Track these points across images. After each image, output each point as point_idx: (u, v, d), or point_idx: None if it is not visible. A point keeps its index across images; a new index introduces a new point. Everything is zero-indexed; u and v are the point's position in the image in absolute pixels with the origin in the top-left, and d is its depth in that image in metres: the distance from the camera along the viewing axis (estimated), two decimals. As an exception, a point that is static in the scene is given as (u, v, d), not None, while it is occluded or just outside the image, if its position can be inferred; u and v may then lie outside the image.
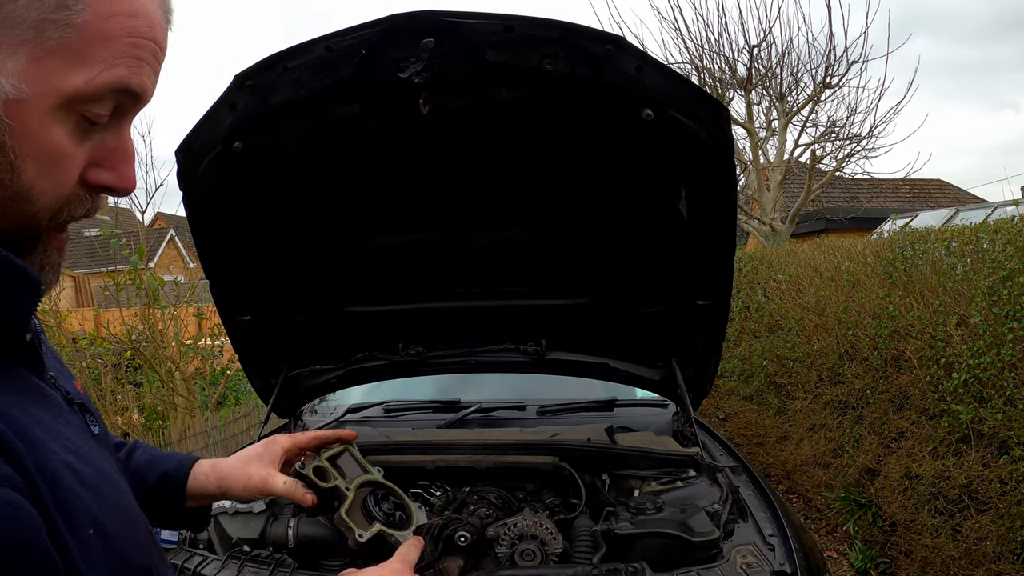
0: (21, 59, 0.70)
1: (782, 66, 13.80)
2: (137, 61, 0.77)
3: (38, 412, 0.77)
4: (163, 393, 6.85)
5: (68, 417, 0.84)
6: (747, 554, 1.83)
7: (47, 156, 0.74)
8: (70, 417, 0.85)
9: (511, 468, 2.30)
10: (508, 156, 2.08)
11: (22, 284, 0.75)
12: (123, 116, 0.80)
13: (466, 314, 2.67)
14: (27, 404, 0.76)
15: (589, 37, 1.76)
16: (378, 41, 1.78)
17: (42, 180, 0.74)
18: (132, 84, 0.77)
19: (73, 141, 0.76)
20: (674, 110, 1.86)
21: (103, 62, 0.74)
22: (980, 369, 3.98)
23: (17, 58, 0.70)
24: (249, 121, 1.99)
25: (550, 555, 2.02)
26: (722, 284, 2.31)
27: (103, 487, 0.80)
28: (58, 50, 0.71)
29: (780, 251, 8.66)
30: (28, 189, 0.74)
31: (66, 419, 0.83)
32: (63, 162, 0.75)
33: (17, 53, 0.69)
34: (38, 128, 0.72)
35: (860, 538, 4.75)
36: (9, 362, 0.78)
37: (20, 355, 0.80)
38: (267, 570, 1.86)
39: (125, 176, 0.82)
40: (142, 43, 0.77)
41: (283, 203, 2.26)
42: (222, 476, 1.32)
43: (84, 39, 0.72)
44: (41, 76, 0.71)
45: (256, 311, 2.58)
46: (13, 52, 0.69)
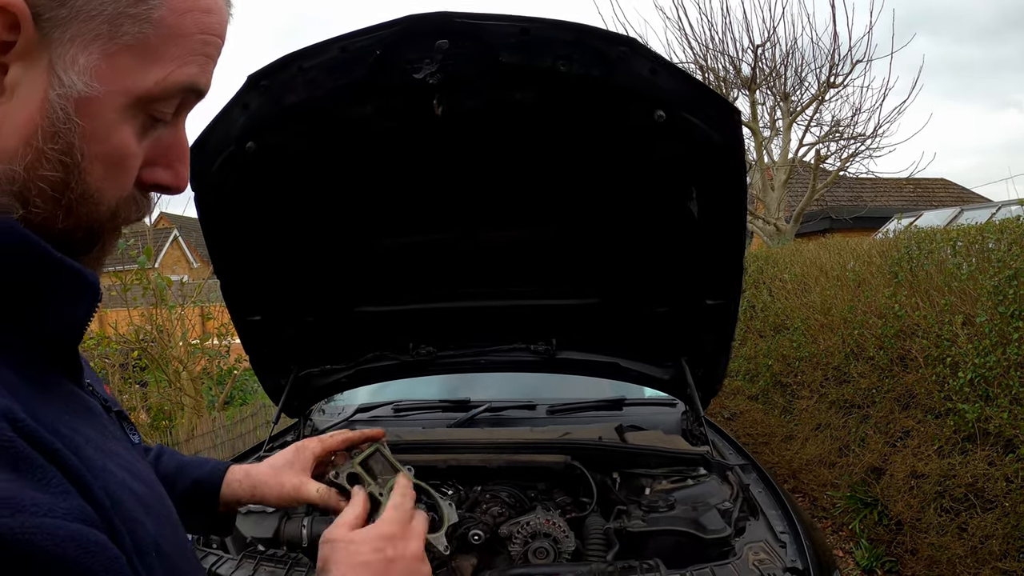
0: (93, 55, 0.66)
1: (786, 66, 13.82)
2: (206, 59, 0.74)
3: (87, 429, 0.72)
4: (170, 393, 6.86)
5: (112, 429, 0.80)
6: (759, 551, 1.84)
7: (114, 157, 0.71)
8: (113, 429, 0.80)
9: (523, 467, 2.31)
10: (520, 157, 2.10)
11: (84, 290, 0.72)
12: (181, 112, 0.77)
13: (476, 314, 2.69)
14: (76, 421, 0.70)
15: (603, 39, 1.78)
16: (393, 42, 1.79)
17: (107, 182, 0.71)
18: (201, 84, 0.74)
19: (137, 140, 0.73)
20: (686, 111, 1.88)
21: (175, 60, 0.71)
22: (986, 368, 3.99)
23: (89, 54, 0.66)
24: (262, 121, 2.00)
25: (563, 553, 2.03)
26: (732, 283, 2.32)
27: (155, 504, 0.76)
28: (133, 46, 0.68)
29: (785, 251, 8.67)
30: (94, 191, 0.70)
31: (111, 432, 0.78)
32: (127, 162, 0.73)
33: (89, 49, 0.66)
34: (107, 128, 0.69)
35: (866, 537, 4.75)
36: (48, 369, 0.72)
37: (61, 362, 0.75)
38: (283, 569, 1.87)
39: (180, 174, 0.79)
40: (212, 40, 0.74)
41: (295, 203, 2.28)
42: (255, 485, 1.28)
43: (159, 36, 0.69)
44: (113, 74, 0.67)
45: (267, 311, 2.60)
46: (85, 47, 0.66)
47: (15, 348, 0.67)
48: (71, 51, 0.65)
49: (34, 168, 0.66)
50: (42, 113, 0.66)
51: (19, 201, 0.67)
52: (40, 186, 0.67)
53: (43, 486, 0.57)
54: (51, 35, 0.64)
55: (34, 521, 0.54)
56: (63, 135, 0.66)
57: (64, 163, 0.67)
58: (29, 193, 0.67)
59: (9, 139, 0.65)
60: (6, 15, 0.62)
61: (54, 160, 0.67)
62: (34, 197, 0.67)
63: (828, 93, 13.58)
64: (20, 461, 0.56)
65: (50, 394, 0.70)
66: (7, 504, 0.53)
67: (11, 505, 0.53)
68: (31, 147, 0.66)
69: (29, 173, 0.66)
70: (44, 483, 0.57)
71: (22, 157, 0.66)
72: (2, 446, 0.56)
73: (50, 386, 0.71)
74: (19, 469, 0.56)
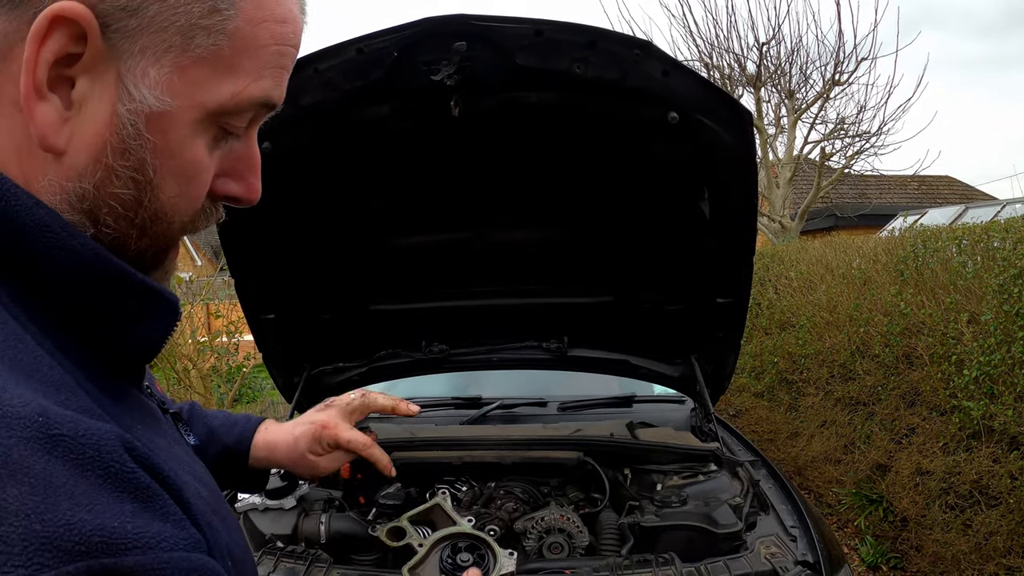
0: (165, 68, 0.63)
1: (791, 63, 13.78)
2: (281, 71, 0.71)
3: (157, 438, 0.70)
4: (179, 390, 6.89)
5: (172, 433, 0.78)
6: (771, 545, 1.87)
7: (187, 173, 0.68)
8: (173, 432, 0.78)
9: (537, 463, 2.34)
10: (535, 157, 2.12)
11: (164, 309, 0.70)
12: (253, 123, 0.74)
13: (489, 312, 2.71)
14: (148, 432, 0.69)
15: (617, 41, 1.81)
16: (410, 44, 1.82)
17: (180, 199, 0.69)
18: (275, 97, 0.71)
19: (209, 153, 0.70)
20: (699, 113, 1.91)
21: (250, 74, 0.68)
22: (991, 366, 4.00)
23: (161, 67, 0.63)
24: (279, 122, 2.01)
25: (577, 548, 2.06)
26: (742, 282, 2.35)
27: (222, 509, 0.74)
28: (206, 59, 0.65)
29: (791, 248, 8.67)
30: (168, 209, 0.68)
31: (172, 436, 0.77)
32: (200, 177, 0.70)
33: (161, 61, 0.63)
34: (180, 144, 0.66)
35: (871, 533, 4.77)
36: (119, 380, 0.70)
37: (131, 372, 0.73)
38: (303, 566, 1.88)
39: (252, 186, 0.76)
40: (287, 51, 0.71)
41: (310, 203, 2.30)
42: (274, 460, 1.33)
43: (233, 48, 0.66)
44: (186, 87, 0.65)
45: (281, 309, 2.62)
46: (156, 60, 0.63)
47: (94, 362, 0.65)
48: (141, 64, 0.63)
49: (105, 186, 0.64)
50: (111, 129, 0.63)
51: (89, 220, 0.65)
52: (111, 204, 0.65)
53: (164, 517, 0.56)
54: (120, 47, 0.62)
55: (164, 556, 0.53)
56: (134, 151, 0.64)
57: (136, 180, 0.65)
58: (100, 212, 0.65)
59: (78, 155, 0.63)
60: (72, 26, 0.59)
61: (125, 177, 0.65)
62: (105, 216, 0.65)
63: (833, 91, 13.55)
64: (142, 491, 0.55)
65: (125, 406, 0.68)
66: (139, 541, 0.52)
67: (142, 543, 0.52)
68: (100, 164, 0.64)
69: (99, 191, 0.64)
70: (165, 514, 0.56)
71: (92, 174, 0.64)
72: (126, 478, 0.54)
73: (123, 397, 0.69)
74: (142, 500, 0.55)
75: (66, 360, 0.61)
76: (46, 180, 0.63)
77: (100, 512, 0.51)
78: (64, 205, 0.63)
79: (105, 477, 0.53)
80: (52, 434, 0.52)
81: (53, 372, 0.58)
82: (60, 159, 0.63)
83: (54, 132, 0.62)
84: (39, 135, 0.61)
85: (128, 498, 0.54)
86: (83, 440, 0.53)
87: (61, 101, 0.62)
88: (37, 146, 0.62)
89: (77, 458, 0.52)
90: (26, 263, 0.61)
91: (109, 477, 0.53)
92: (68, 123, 0.62)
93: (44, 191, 0.63)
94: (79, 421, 0.54)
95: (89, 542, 0.50)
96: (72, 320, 0.64)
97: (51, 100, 0.61)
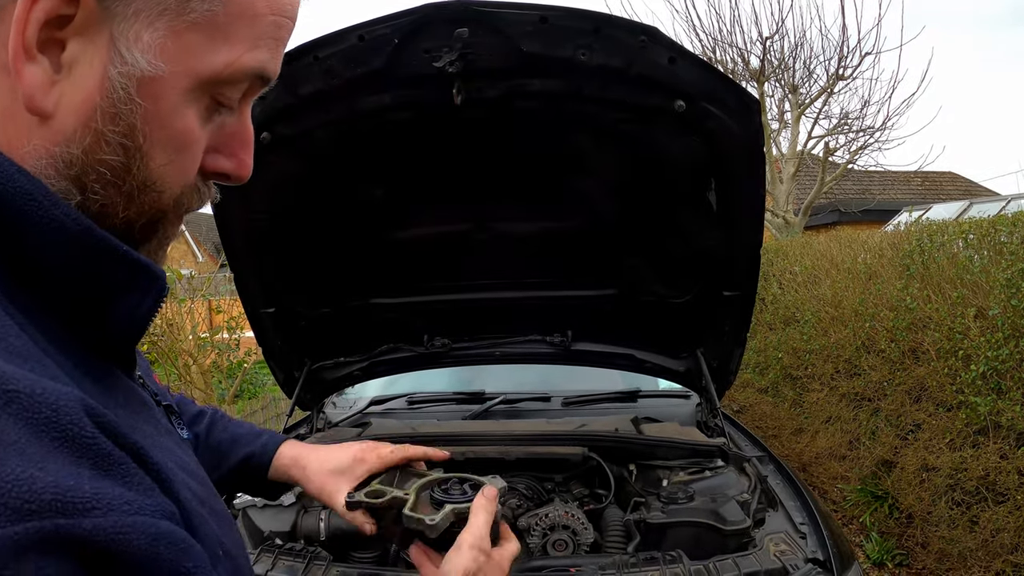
0: (159, 32, 0.62)
1: (795, 58, 13.75)
2: (277, 43, 0.70)
3: (144, 425, 0.70)
4: (180, 386, 6.87)
5: (164, 424, 0.77)
6: (780, 542, 1.84)
7: (177, 142, 0.67)
8: (164, 423, 0.77)
9: (541, 459, 2.31)
10: (538, 147, 2.09)
11: (151, 284, 0.68)
12: (246, 97, 0.73)
13: (491, 305, 2.68)
14: (134, 417, 0.69)
15: (623, 28, 1.77)
16: (411, 31, 1.78)
17: (170, 168, 0.67)
18: (270, 69, 0.70)
19: (201, 125, 0.69)
20: (706, 101, 1.87)
21: (246, 43, 0.67)
22: (998, 361, 3.97)
23: (155, 30, 0.62)
24: (278, 112, 1.99)
25: (581, 545, 2.03)
26: (749, 275, 2.31)
27: (212, 502, 0.73)
28: (201, 24, 0.64)
29: (795, 243, 8.64)
30: (157, 178, 0.67)
31: (163, 427, 0.76)
32: (191, 148, 0.69)
33: (155, 25, 0.62)
34: (172, 111, 0.65)
35: (876, 530, 4.74)
36: (105, 363, 0.69)
37: (118, 355, 0.71)
38: (302, 563, 1.85)
39: (244, 163, 0.75)
40: (284, 23, 0.70)
41: (310, 195, 2.27)
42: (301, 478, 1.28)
43: (229, 14, 0.65)
44: (180, 53, 0.63)
45: (280, 304, 2.59)
46: (151, 24, 0.62)
47: (74, 341, 0.64)
48: (135, 26, 0.61)
49: (93, 151, 0.63)
50: (102, 92, 0.62)
51: (76, 186, 0.63)
52: (100, 171, 0.64)
53: (128, 483, 0.54)
54: (113, 9, 0.60)
55: (127, 520, 0.51)
56: (124, 116, 0.63)
57: (125, 146, 0.64)
58: (88, 178, 0.63)
59: (66, 119, 0.62)
60: None
61: (114, 143, 0.63)
62: (92, 183, 0.64)
63: (837, 85, 13.51)
64: (104, 458, 0.53)
65: (109, 388, 0.67)
66: (98, 503, 0.50)
67: (103, 504, 0.50)
68: (90, 128, 0.62)
69: (88, 156, 0.63)
70: (129, 480, 0.54)
71: (80, 139, 0.62)
72: (85, 443, 0.52)
73: (108, 380, 0.68)
74: (104, 466, 0.53)
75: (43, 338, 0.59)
76: (31, 145, 0.61)
77: (55, 471, 0.49)
78: (50, 171, 0.62)
79: (62, 439, 0.51)
80: (6, 390, 0.50)
81: (20, 342, 0.56)
82: (47, 123, 0.61)
83: (42, 94, 0.60)
84: (26, 97, 0.59)
85: (87, 463, 0.52)
86: (40, 399, 0.51)
87: (51, 63, 0.60)
88: (24, 108, 0.60)
89: (32, 417, 0.50)
90: (7, 233, 0.59)
91: (67, 440, 0.51)
92: (57, 85, 0.61)
93: (28, 156, 0.61)
94: (38, 381, 0.52)
95: (40, 500, 0.47)
96: (55, 295, 0.63)
97: (40, 62, 0.60)
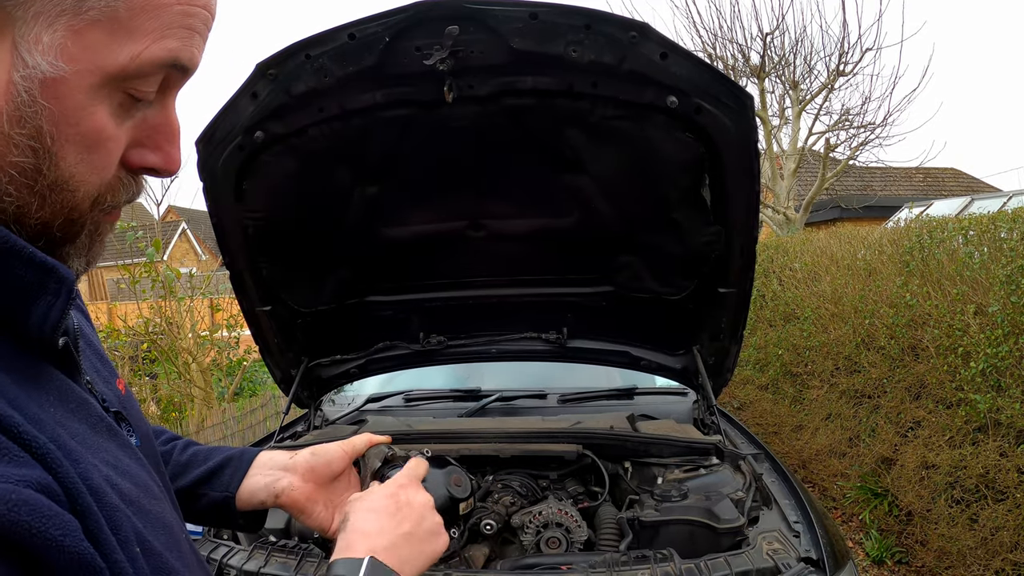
0: (59, 32, 0.62)
1: (795, 54, 13.73)
2: (188, 31, 0.69)
3: (76, 424, 0.71)
4: (180, 385, 6.88)
5: (106, 427, 0.77)
6: (773, 541, 1.83)
7: (88, 140, 0.67)
8: (109, 426, 0.78)
9: (535, 456, 2.30)
10: (531, 144, 2.08)
11: (54, 285, 0.67)
12: (168, 90, 0.73)
13: (487, 302, 2.68)
14: (66, 415, 0.70)
15: (614, 24, 1.76)
16: (402, 28, 1.78)
17: (83, 166, 0.67)
18: (183, 58, 0.70)
19: (115, 121, 0.69)
20: (699, 97, 1.86)
21: (151, 34, 0.66)
22: (998, 358, 3.96)
23: (54, 31, 0.62)
24: (271, 110, 1.99)
25: (575, 543, 2.02)
26: (744, 271, 2.30)
27: (144, 502, 0.74)
28: (102, 21, 0.63)
29: (795, 240, 8.62)
30: (68, 177, 0.67)
31: (104, 429, 0.76)
32: (105, 145, 0.68)
33: (54, 26, 0.62)
34: (78, 110, 0.65)
35: (876, 527, 4.74)
36: (39, 364, 0.71)
37: (52, 357, 0.72)
38: (295, 560, 1.86)
39: (170, 156, 0.75)
40: (195, 11, 0.69)
41: (304, 193, 2.26)
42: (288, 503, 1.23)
43: (131, 8, 0.64)
44: (82, 51, 0.63)
45: (276, 302, 2.59)
46: (50, 24, 0.61)
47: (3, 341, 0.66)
48: (35, 29, 0.61)
49: (2, 155, 0.63)
50: (6, 97, 0.62)
51: None
52: (10, 173, 0.64)
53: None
54: (14, 14, 0.61)
55: None
56: (30, 119, 0.63)
57: (33, 148, 0.64)
58: None
59: None
60: None
61: (23, 146, 0.64)
62: (5, 185, 0.64)
63: (838, 81, 13.49)
64: None
65: (40, 387, 0.68)
66: None
67: None
68: None
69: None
70: None
71: None
72: None
73: (40, 380, 0.69)
74: None
75: None
76: None
77: None
78: None
79: None
80: None
81: None
82: None
83: None
84: None
85: None
86: None
87: None
88: None
89: None
90: None
91: None
92: None
93: None
94: None
95: None
96: None
97: None
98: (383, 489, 1.11)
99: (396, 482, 1.12)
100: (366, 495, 1.10)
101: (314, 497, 1.23)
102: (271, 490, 1.21)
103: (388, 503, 1.07)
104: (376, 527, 1.03)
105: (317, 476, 1.25)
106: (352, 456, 1.31)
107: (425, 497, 1.12)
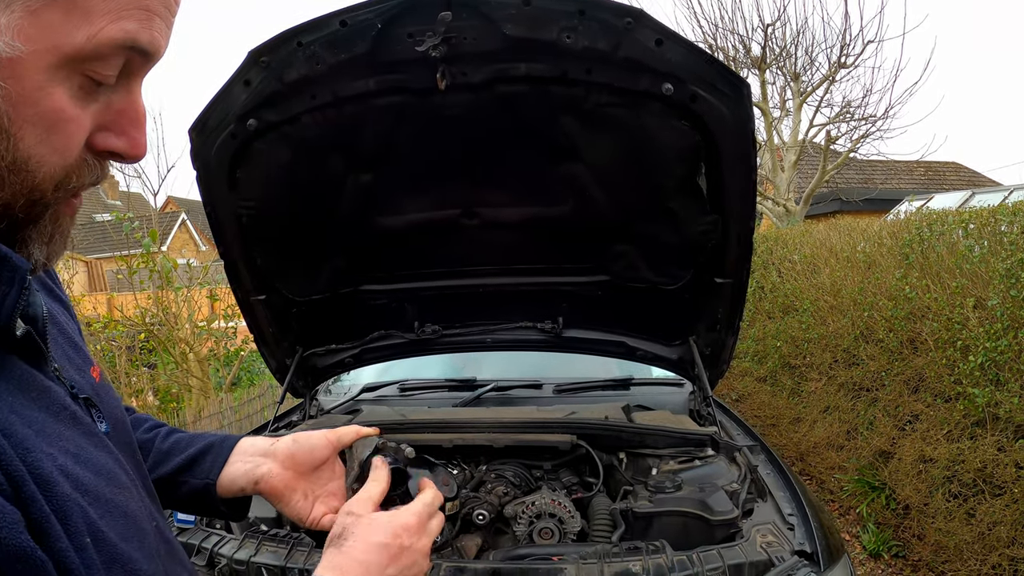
0: (16, 13, 0.62)
1: (797, 45, 13.69)
2: (147, 13, 0.69)
3: (32, 412, 0.71)
4: (177, 375, 6.88)
5: (70, 414, 0.77)
6: (767, 533, 1.82)
7: (47, 121, 0.67)
8: (73, 414, 0.78)
9: (529, 446, 2.30)
10: (525, 131, 2.06)
11: (7, 274, 0.68)
12: (132, 75, 0.73)
13: (482, 292, 2.66)
14: (20, 402, 0.70)
15: (608, 10, 1.73)
16: (394, 15, 1.76)
17: (43, 147, 0.67)
18: (141, 40, 0.69)
19: (76, 104, 0.69)
20: (694, 84, 1.84)
21: (107, 15, 0.66)
22: (997, 352, 3.95)
23: (11, 12, 0.62)
24: (264, 98, 1.97)
25: (568, 533, 2.02)
26: (741, 262, 2.29)
27: (104, 491, 0.74)
28: (57, 2, 0.63)
29: (795, 232, 8.60)
30: (27, 158, 0.67)
31: (68, 417, 0.76)
32: (66, 127, 0.68)
33: (11, 7, 0.62)
34: (36, 90, 0.65)
35: (873, 521, 4.73)
36: (3, 352, 0.71)
37: (11, 344, 0.72)
38: (285, 549, 1.86)
39: (135, 141, 0.75)
40: None
41: (298, 182, 2.25)
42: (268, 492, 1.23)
43: None
44: (38, 32, 0.63)
45: (271, 291, 2.58)
46: (7, 6, 0.62)
47: None
48: None
49: None
50: None
51: None
52: None
53: None
54: None
55: None
56: None
57: None
58: None
59: None
60: None
61: None
62: None
63: (839, 73, 13.46)
64: None
65: None
66: None
67: None
68: None
69: None
70: None
71: None
72: None
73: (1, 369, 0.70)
74: None
75: None
76: None
77: None
78: None
79: None
80: None
81: None
82: None
83: None
84: None
85: None
86: None
87: None
88: None
89: None
90: None
91: None
92: None
93: None
94: None
95: None
96: None
97: None
98: (392, 524, 1.08)
99: (405, 523, 1.09)
100: (372, 521, 1.07)
101: (293, 485, 1.22)
102: (250, 476, 1.20)
103: (392, 544, 1.05)
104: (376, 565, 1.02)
105: (298, 464, 1.23)
106: (337, 446, 1.29)
107: (425, 544, 1.11)
